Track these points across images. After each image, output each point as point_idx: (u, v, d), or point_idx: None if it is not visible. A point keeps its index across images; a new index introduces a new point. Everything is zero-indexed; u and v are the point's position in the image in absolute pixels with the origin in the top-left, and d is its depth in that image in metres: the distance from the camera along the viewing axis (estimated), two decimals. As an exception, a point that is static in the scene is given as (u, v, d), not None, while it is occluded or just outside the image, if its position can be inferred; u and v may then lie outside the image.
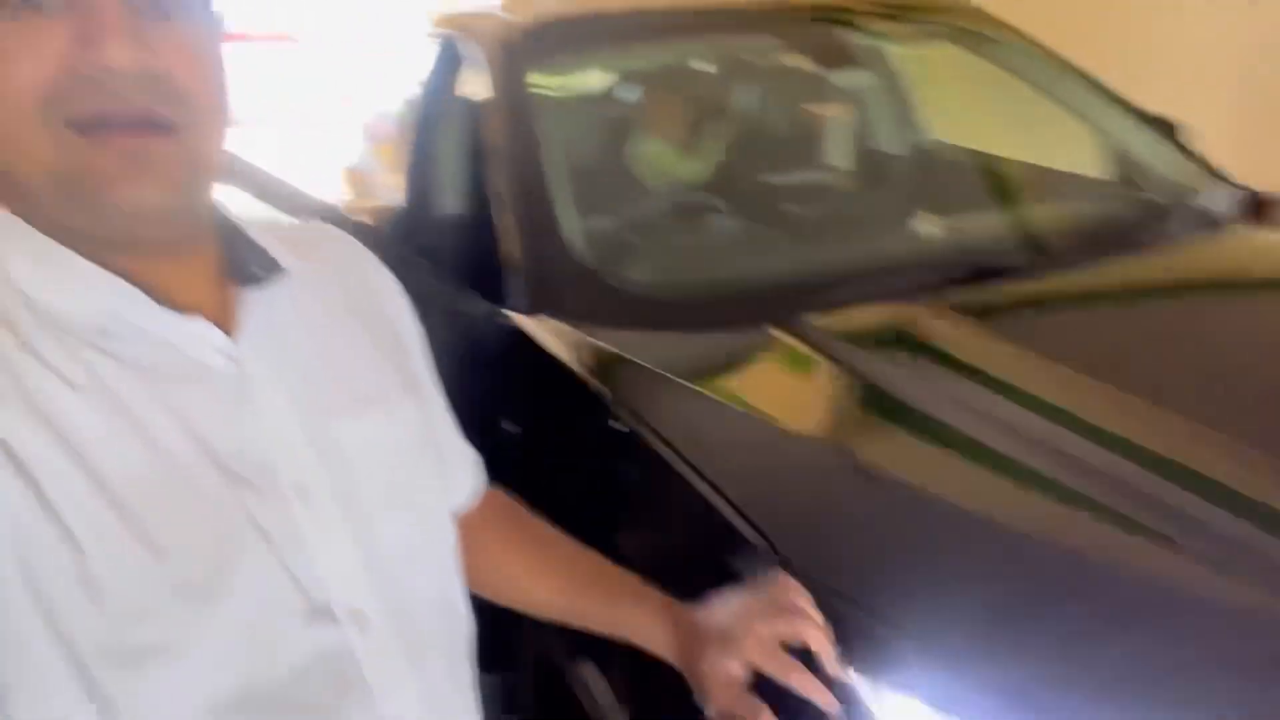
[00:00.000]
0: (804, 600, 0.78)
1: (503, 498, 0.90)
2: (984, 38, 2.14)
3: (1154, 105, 2.11)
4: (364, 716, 0.61)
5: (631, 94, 2.38)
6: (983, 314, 1.40)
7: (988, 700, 0.83)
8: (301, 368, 0.64)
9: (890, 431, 1.18)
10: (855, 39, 2.25)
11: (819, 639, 0.76)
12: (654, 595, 0.84)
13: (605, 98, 2.41)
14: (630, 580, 0.86)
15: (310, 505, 0.61)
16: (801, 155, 2.30)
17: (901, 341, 1.35)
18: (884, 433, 1.18)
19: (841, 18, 2.15)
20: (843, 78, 2.37)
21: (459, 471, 0.83)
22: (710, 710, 0.78)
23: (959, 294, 1.42)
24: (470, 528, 0.84)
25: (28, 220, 0.58)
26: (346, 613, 0.61)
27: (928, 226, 1.74)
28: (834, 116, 2.51)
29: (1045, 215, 1.82)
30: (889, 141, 2.55)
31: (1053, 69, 2.09)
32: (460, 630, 0.72)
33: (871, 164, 2.34)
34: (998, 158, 2.21)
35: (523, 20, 1.95)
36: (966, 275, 1.47)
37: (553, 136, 1.73)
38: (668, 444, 1.12)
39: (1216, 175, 1.89)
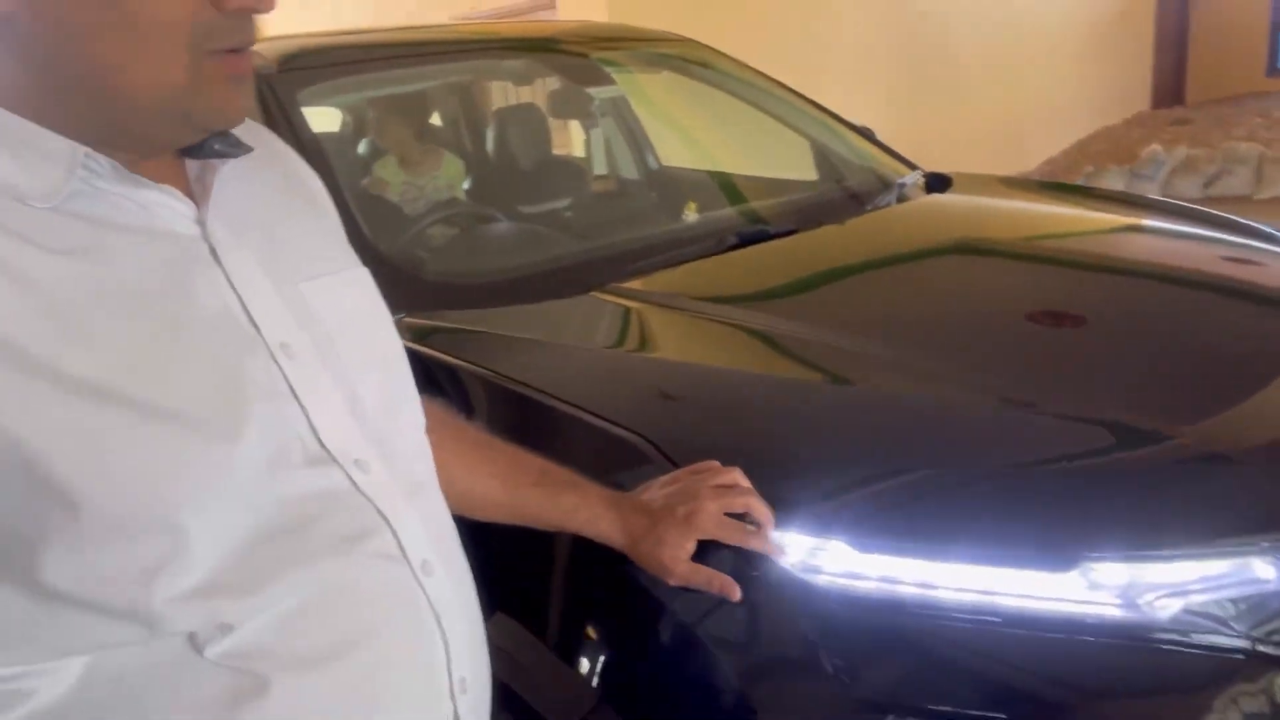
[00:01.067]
0: (739, 475, 0.88)
1: (433, 404, 0.90)
2: (703, 65, 2.44)
3: (828, 101, 2.51)
4: (385, 542, 0.65)
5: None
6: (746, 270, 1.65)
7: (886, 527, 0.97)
8: (263, 236, 0.67)
9: (702, 342, 1.37)
10: (588, 67, 2.47)
11: (761, 508, 0.87)
12: (594, 486, 0.90)
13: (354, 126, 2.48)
14: (568, 473, 0.90)
15: (294, 361, 0.63)
16: (559, 187, 2.47)
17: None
18: (699, 344, 1.37)
19: (574, 48, 2.36)
20: (578, 103, 2.59)
21: None
22: (672, 581, 0.87)
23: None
24: None
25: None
26: (346, 458, 0.64)
27: (689, 215, 1.96)
28: (576, 138, 2.73)
29: (780, 203, 2.10)
30: (625, 164, 2.81)
31: (767, 89, 2.43)
32: (433, 476, 0.75)
33: (620, 184, 2.56)
34: (726, 173, 2.50)
35: (267, 49, 1.96)
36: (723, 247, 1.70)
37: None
38: (534, 389, 1.21)
39: (908, 164, 2.30)
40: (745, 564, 0.91)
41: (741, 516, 0.90)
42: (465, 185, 2.56)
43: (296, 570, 0.61)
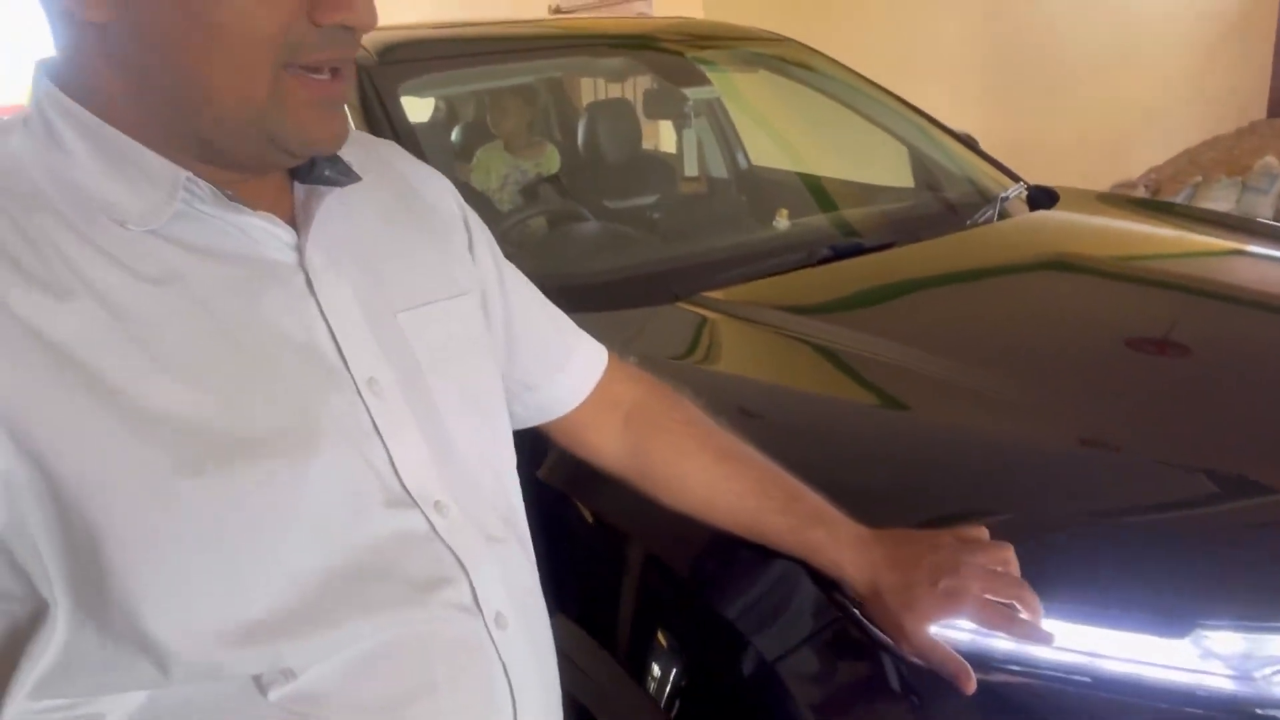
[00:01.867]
0: (1011, 556, 0.79)
1: (673, 391, 0.89)
2: (801, 65, 2.39)
3: (925, 103, 2.43)
4: (459, 592, 0.63)
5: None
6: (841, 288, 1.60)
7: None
8: (364, 268, 0.66)
9: (793, 365, 1.32)
10: (683, 67, 2.44)
11: (1032, 601, 0.77)
12: (844, 522, 0.83)
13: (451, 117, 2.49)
14: (818, 503, 0.84)
15: (380, 398, 0.62)
16: (648, 183, 2.45)
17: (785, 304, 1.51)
18: (790, 367, 1.33)
19: (670, 47, 2.33)
20: (676, 100, 2.56)
21: (575, 349, 0.85)
22: (904, 648, 0.80)
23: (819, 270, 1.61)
24: (632, 413, 0.84)
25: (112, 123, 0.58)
26: (426, 500, 0.63)
27: (781, 221, 1.91)
28: (675, 141, 2.70)
29: (875, 214, 2.04)
30: (715, 164, 2.77)
31: (865, 92, 2.36)
32: (523, 524, 0.74)
33: (710, 184, 2.52)
34: (820, 177, 2.44)
35: (367, 41, 1.98)
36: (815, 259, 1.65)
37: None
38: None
39: (1011, 175, 2.21)
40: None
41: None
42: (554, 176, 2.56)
43: (366, 617, 0.59)
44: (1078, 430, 1.12)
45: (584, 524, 1.15)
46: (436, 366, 0.68)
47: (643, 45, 2.28)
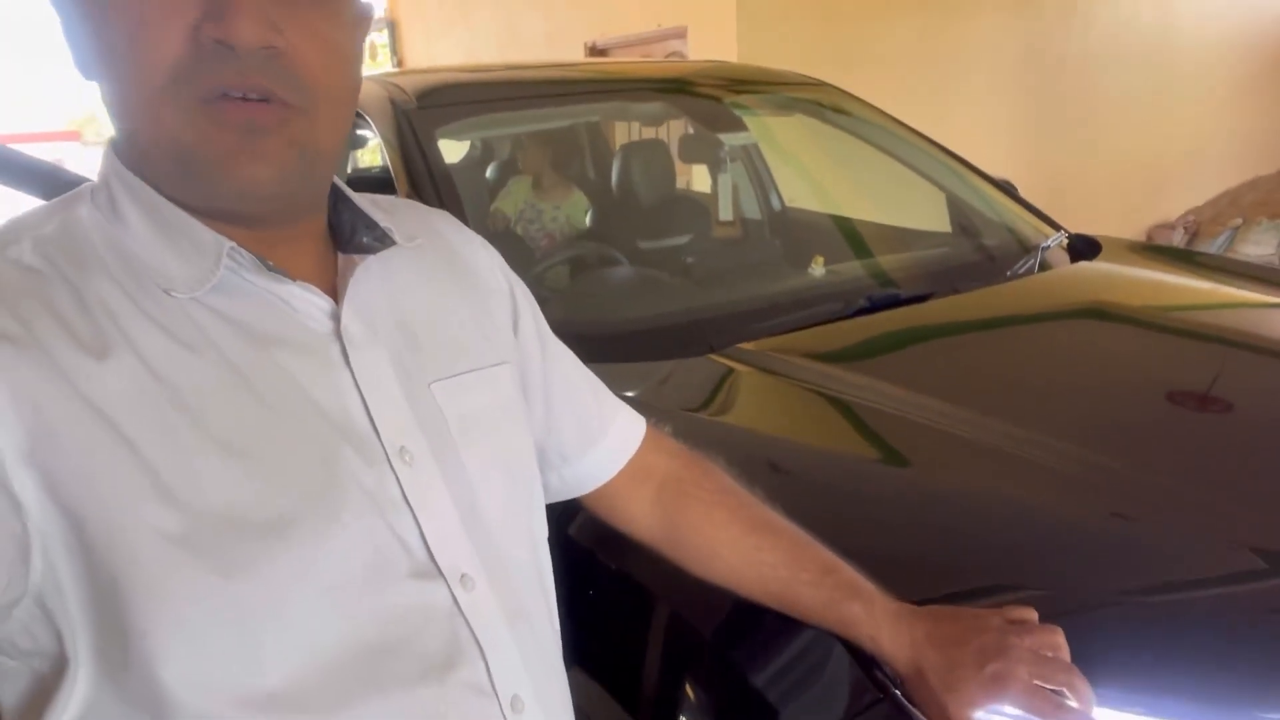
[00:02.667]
0: (1061, 640, 0.76)
1: (704, 459, 0.88)
2: (837, 110, 2.38)
3: (962, 140, 2.40)
4: (475, 673, 0.62)
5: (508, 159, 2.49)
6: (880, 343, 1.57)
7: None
8: (401, 334, 0.66)
9: (835, 427, 1.29)
10: (719, 112, 2.45)
11: (1083, 689, 0.74)
12: (880, 596, 0.81)
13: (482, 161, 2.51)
14: (853, 576, 0.82)
15: (411, 467, 0.62)
16: (683, 223, 2.45)
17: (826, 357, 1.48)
18: (832, 429, 1.29)
19: (706, 92, 2.34)
20: (711, 145, 2.56)
21: (614, 421, 0.84)
22: None
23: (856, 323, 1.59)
24: (665, 483, 0.83)
25: (154, 187, 0.59)
26: (453, 573, 0.62)
27: (817, 269, 1.89)
28: (707, 183, 2.70)
29: (912, 263, 2.01)
30: (750, 206, 2.77)
31: (901, 137, 2.35)
32: (550, 598, 0.73)
33: (744, 226, 2.51)
34: (855, 220, 2.43)
35: (407, 84, 2.00)
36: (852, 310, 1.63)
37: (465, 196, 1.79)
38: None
39: (1050, 223, 2.18)
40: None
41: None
42: (588, 220, 2.56)
43: (380, 694, 0.58)
44: (1128, 500, 1.08)
45: (610, 581, 1.13)
46: (469, 436, 0.67)
47: (679, 90, 2.28)
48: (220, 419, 0.56)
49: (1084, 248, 2.06)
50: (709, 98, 2.26)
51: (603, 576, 1.13)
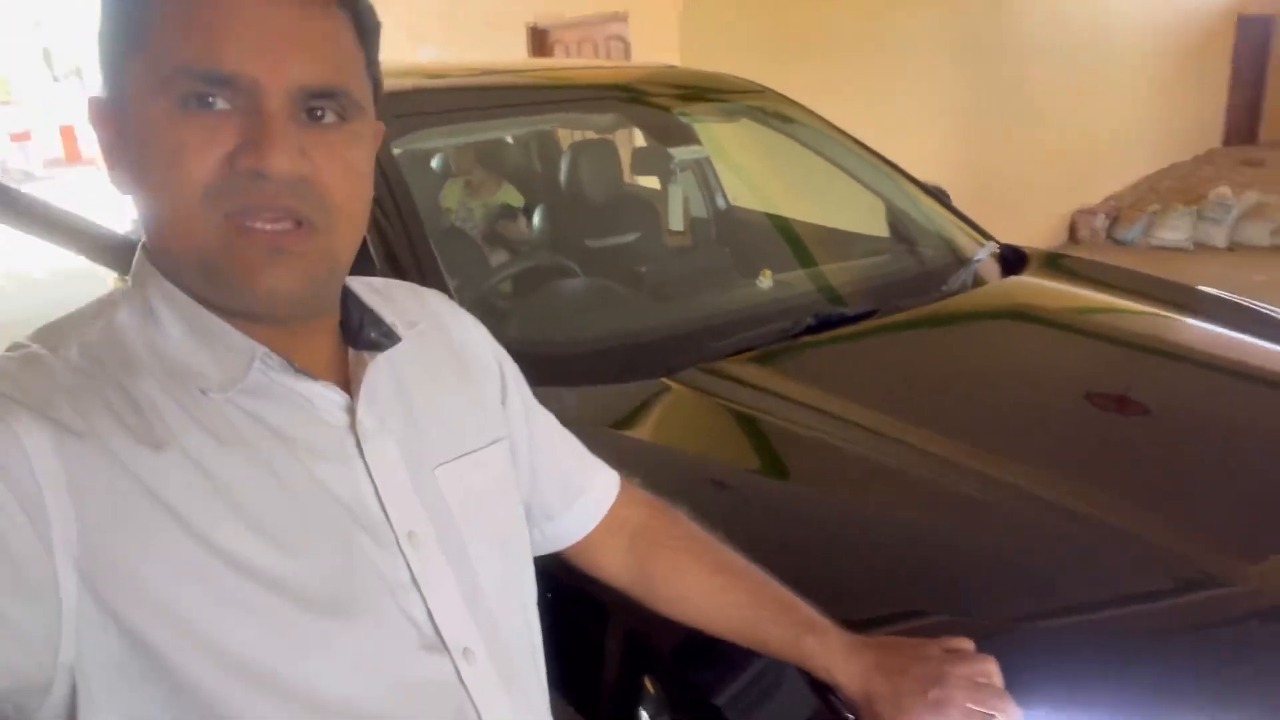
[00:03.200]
0: (995, 669, 0.84)
1: (671, 508, 0.94)
2: (781, 117, 2.45)
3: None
4: None
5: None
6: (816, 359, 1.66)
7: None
8: (408, 423, 0.71)
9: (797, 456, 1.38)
10: (671, 117, 2.50)
11: (1013, 712, 0.82)
12: (834, 630, 0.88)
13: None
14: (809, 612, 0.89)
15: (419, 550, 0.67)
16: (631, 222, 2.51)
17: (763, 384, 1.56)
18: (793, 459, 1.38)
19: (656, 99, 2.39)
20: (661, 157, 2.61)
21: (592, 479, 0.90)
22: None
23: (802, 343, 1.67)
24: (636, 533, 0.90)
25: (186, 293, 0.64)
26: (457, 647, 0.67)
27: (764, 281, 1.96)
28: (656, 187, 2.75)
29: (855, 276, 2.10)
30: (701, 210, 2.83)
31: (843, 145, 2.43)
32: (539, 658, 0.79)
33: (696, 230, 2.57)
34: (798, 223, 2.51)
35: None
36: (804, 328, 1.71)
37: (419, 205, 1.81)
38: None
39: (979, 231, 2.29)
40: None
41: None
42: (537, 222, 2.59)
43: None
44: (1060, 522, 1.18)
45: (575, 603, 1.19)
46: (469, 516, 0.72)
47: (630, 99, 2.32)
48: (254, 509, 0.61)
49: (1012, 258, 2.18)
50: (659, 108, 2.31)
51: (569, 598, 1.19)
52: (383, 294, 0.77)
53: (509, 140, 2.74)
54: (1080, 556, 1.15)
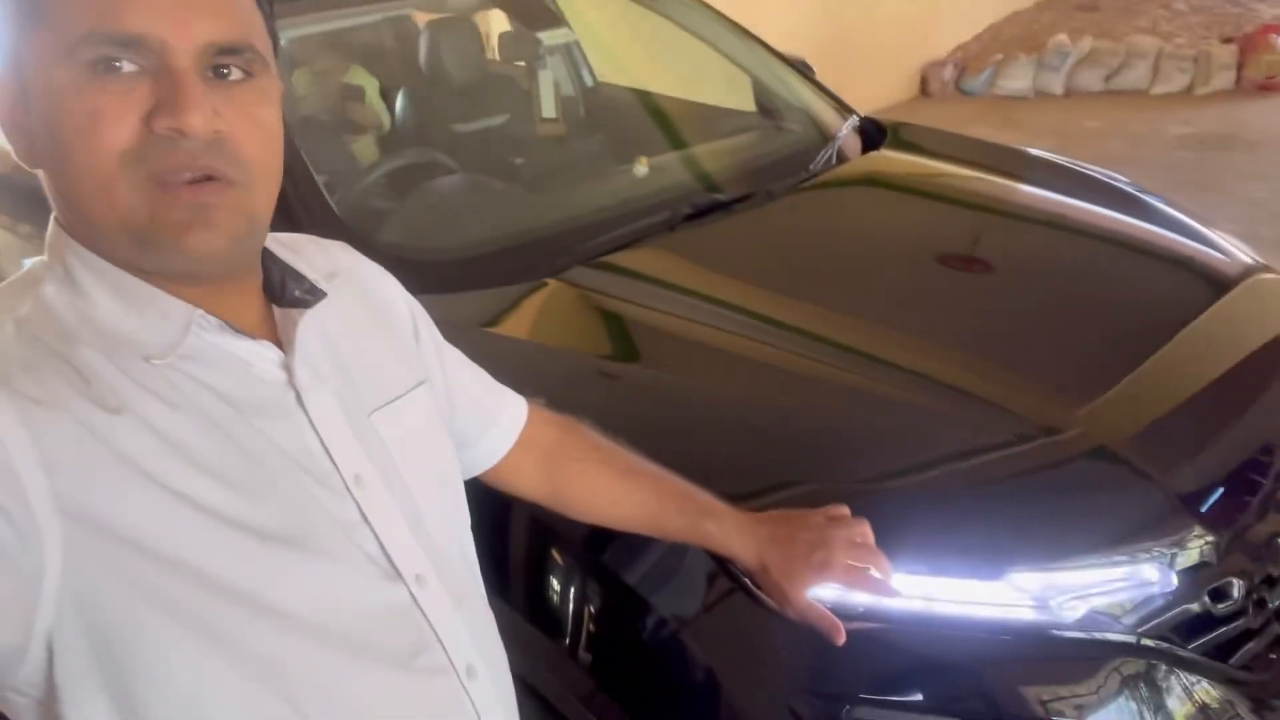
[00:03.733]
0: (868, 531, 0.97)
1: (577, 424, 1.01)
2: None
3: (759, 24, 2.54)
4: (436, 656, 0.74)
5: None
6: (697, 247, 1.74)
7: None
8: (340, 374, 0.74)
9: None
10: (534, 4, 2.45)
11: (885, 566, 0.96)
12: (730, 512, 0.99)
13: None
14: (707, 499, 0.99)
15: (366, 491, 0.72)
16: (499, 103, 2.47)
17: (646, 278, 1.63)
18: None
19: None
20: (527, 37, 2.56)
21: (502, 407, 0.96)
22: (790, 612, 0.97)
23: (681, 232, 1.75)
24: (547, 450, 0.97)
25: (108, 260, 0.64)
26: (409, 575, 0.73)
27: (641, 169, 2.00)
28: (519, 66, 2.70)
29: (727, 161, 2.15)
30: (570, 89, 2.80)
31: (708, 18, 2.44)
32: (478, 574, 0.86)
33: (565, 110, 2.55)
34: (679, 100, 2.52)
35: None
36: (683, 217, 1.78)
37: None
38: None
39: (843, 106, 2.37)
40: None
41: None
42: (400, 108, 2.52)
43: (363, 682, 0.69)
44: (916, 389, 1.33)
45: (502, 514, 1.26)
46: (406, 455, 0.77)
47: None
48: (212, 464, 0.65)
49: (872, 132, 2.28)
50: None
51: (498, 512, 1.26)
52: (292, 249, 0.79)
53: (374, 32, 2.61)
54: (929, 422, 1.29)
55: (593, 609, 1.20)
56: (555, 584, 1.23)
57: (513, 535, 1.25)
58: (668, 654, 1.14)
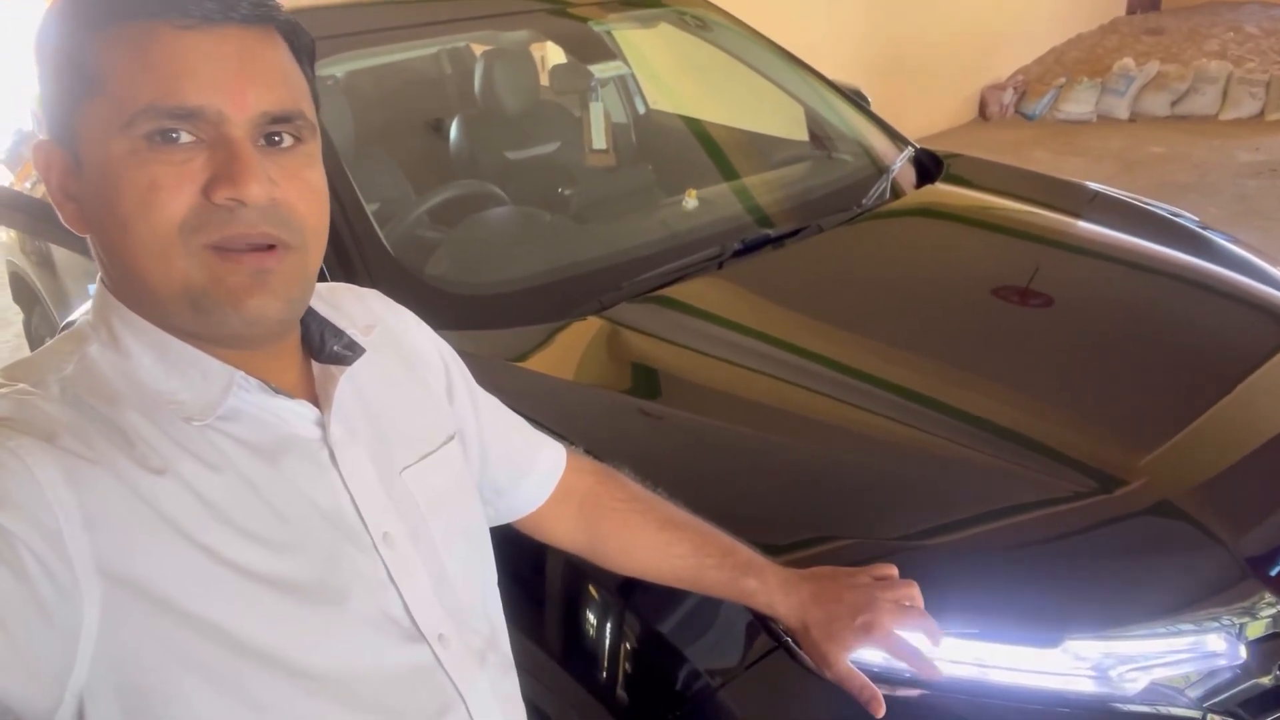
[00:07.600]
0: (917, 593, 0.93)
1: (615, 472, 1.00)
2: (701, 23, 2.42)
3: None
4: (457, 715, 0.74)
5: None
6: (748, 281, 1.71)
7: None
8: (372, 430, 0.74)
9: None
10: (589, 30, 2.45)
11: (934, 631, 0.91)
12: (771, 568, 0.96)
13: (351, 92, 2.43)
14: (749, 554, 0.97)
15: (394, 550, 0.72)
16: (551, 131, 2.48)
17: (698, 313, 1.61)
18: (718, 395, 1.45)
19: (577, 10, 2.34)
20: (579, 70, 2.57)
21: (539, 455, 0.95)
22: (829, 675, 0.93)
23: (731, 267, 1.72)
24: (584, 500, 0.96)
25: (156, 324, 0.65)
26: (432, 634, 0.73)
27: (690, 202, 1.99)
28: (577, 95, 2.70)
29: (778, 193, 2.13)
30: (627, 119, 2.80)
31: (762, 48, 2.42)
32: (501, 631, 0.85)
33: (616, 138, 2.56)
34: (731, 129, 2.50)
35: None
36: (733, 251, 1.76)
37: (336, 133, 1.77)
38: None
39: (898, 137, 2.33)
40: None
41: None
42: (454, 136, 2.54)
43: None
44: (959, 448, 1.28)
45: (536, 557, 1.25)
46: (435, 512, 0.77)
47: (544, 10, 2.27)
48: (249, 525, 0.65)
49: (929, 163, 2.24)
50: (575, 19, 2.26)
51: (528, 553, 1.25)
52: (329, 302, 0.79)
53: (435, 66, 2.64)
54: (984, 473, 1.24)
55: (628, 658, 1.17)
56: (590, 628, 1.21)
57: (548, 581, 1.23)
58: (701, 708, 1.11)
